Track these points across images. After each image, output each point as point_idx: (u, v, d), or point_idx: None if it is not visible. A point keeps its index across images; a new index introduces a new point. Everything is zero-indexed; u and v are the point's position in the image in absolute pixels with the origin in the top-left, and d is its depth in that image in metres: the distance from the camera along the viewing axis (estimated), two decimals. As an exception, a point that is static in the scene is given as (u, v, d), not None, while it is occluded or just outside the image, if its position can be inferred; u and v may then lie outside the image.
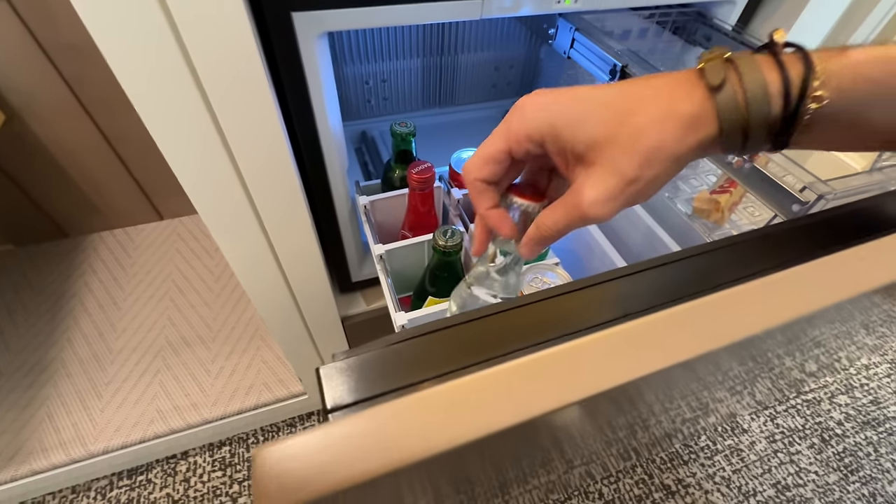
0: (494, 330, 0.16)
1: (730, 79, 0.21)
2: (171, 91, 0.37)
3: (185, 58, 0.36)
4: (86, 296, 1.01)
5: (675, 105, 0.21)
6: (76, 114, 0.94)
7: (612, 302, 0.17)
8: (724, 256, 0.20)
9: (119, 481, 0.88)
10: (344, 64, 0.83)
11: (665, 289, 0.19)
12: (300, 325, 0.71)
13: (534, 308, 0.17)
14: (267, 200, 0.50)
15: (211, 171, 0.44)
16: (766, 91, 0.20)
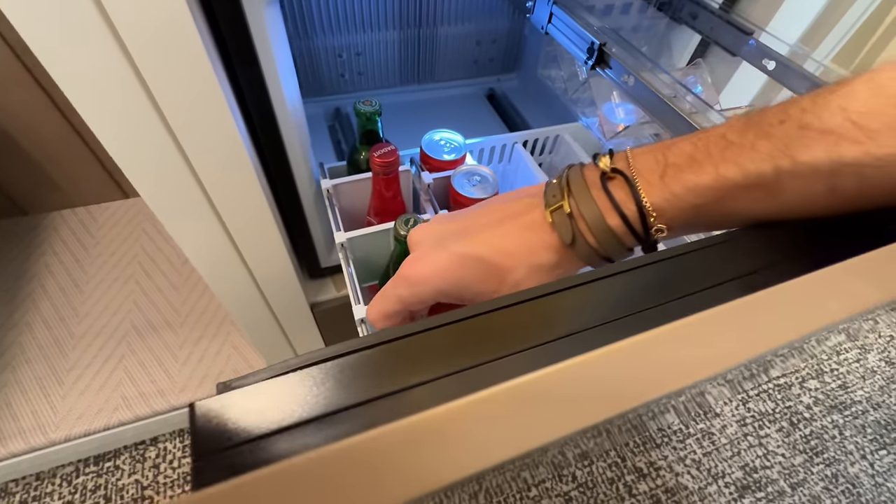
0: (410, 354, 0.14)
1: (579, 232, 0.23)
2: (90, 55, 0.33)
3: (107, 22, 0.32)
4: (46, 278, 0.97)
5: (539, 259, 0.23)
6: (26, 84, 0.87)
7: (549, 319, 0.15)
8: (676, 266, 0.17)
9: (85, 468, 0.86)
10: (315, 35, 0.77)
11: (620, 302, 0.17)
12: (267, 313, 0.68)
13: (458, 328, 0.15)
14: (218, 183, 0.46)
15: (150, 152, 0.41)
16: (615, 234, 0.22)
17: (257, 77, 0.44)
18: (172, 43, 0.34)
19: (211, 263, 0.56)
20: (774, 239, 0.19)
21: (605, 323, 0.15)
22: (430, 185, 0.54)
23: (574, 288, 0.17)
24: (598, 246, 0.22)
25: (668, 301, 0.15)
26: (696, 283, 0.16)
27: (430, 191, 0.54)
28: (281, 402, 0.12)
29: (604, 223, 0.22)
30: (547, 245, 0.23)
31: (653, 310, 0.15)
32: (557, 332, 0.15)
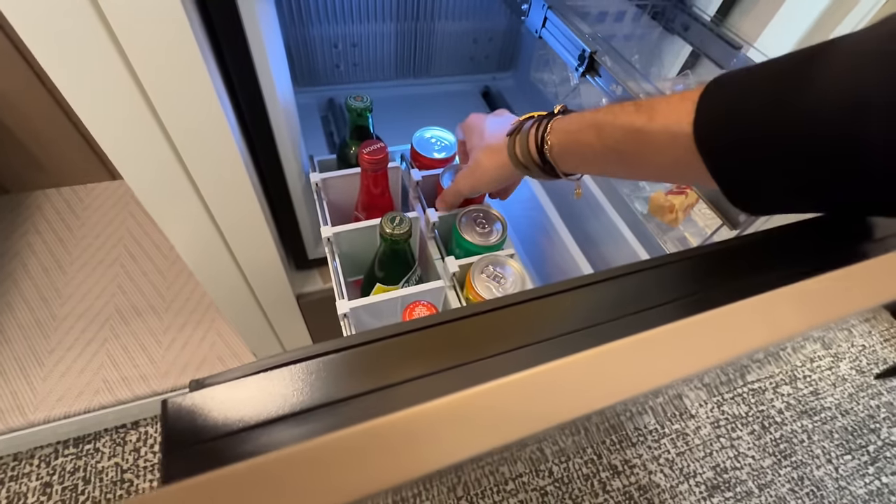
0: (389, 358, 0.14)
1: (515, 135, 0.39)
2: (74, 34, 0.33)
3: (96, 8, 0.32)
4: (28, 257, 0.95)
5: (495, 142, 0.42)
6: (12, 60, 0.85)
7: (528, 325, 0.16)
8: (651, 278, 0.18)
9: (65, 449, 0.86)
10: (310, 24, 0.77)
11: (592, 310, 0.17)
12: (252, 302, 0.69)
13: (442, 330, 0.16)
14: (205, 171, 0.46)
15: (136, 139, 0.40)
16: (527, 144, 0.38)
17: (248, 68, 0.43)
18: (160, 27, 0.34)
19: (196, 252, 0.56)
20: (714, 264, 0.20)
21: (567, 333, 0.16)
22: (418, 183, 0.54)
23: (547, 297, 0.18)
24: (519, 151, 0.38)
25: (622, 316, 0.16)
26: (647, 300, 0.17)
27: (419, 188, 0.55)
28: (252, 400, 0.13)
29: (527, 135, 0.37)
30: (502, 145, 0.40)
31: (609, 323, 0.16)
32: (523, 340, 0.16)
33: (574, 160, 0.35)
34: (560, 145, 0.34)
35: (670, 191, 0.44)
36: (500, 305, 0.16)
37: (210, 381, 0.13)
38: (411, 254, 0.46)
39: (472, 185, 0.45)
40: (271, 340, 0.79)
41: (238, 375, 0.14)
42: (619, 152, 0.30)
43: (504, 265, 0.47)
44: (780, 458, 1.03)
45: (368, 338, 0.14)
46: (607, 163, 0.32)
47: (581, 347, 0.13)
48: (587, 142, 0.32)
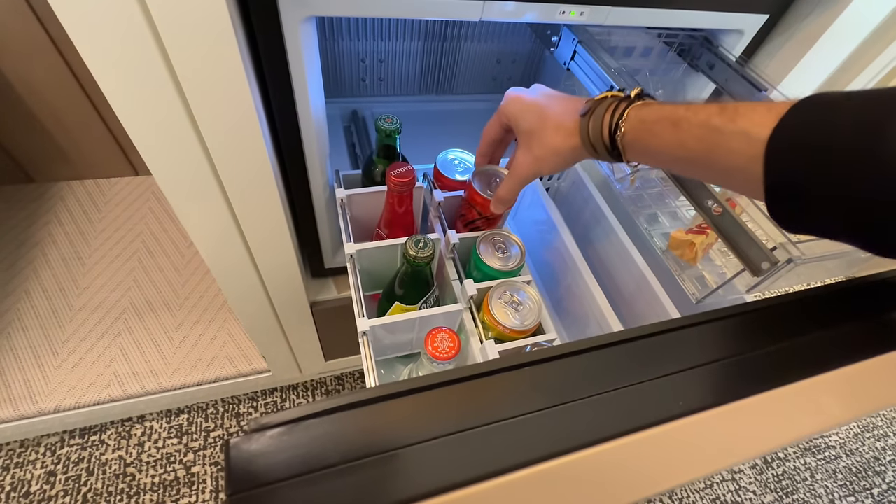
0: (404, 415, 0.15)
1: (590, 115, 0.37)
2: (122, 37, 0.34)
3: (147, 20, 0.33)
4: (49, 247, 0.97)
5: (565, 122, 0.39)
6: (47, 52, 0.88)
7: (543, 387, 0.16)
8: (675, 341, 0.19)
9: (70, 439, 0.87)
10: (340, 38, 0.79)
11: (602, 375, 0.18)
12: (267, 306, 0.70)
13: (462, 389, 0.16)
14: (234, 177, 0.47)
15: (171, 139, 0.41)
16: (600, 127, 0.36)
17: (285, 83, 0.45)
18: (207, 39, 0.35)
19: (217, 252, 0.57)
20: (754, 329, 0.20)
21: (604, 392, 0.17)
22: (440, 203, 0.55)
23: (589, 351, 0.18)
24: (590, 129, 0.36)
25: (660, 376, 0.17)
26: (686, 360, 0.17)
27: (440, 208, 0.56)
28: (310, 445, 0.13)
29: (601, 116, 0.36)
30: (573, 117, 0.38)
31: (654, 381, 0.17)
32: (560, 399, 0.16)
33: (643, 150, 0.34)
34: (633, 134, 0.34)
35: (690, 229, 0.44)
36: (542, 358, 0.17)
37: (269, 423, 0.14)
38: (431, 276, 0.47)
39: (536, 169, 0.42)
40: (282, 345, 0.80)
41: (296, 417, 0.14)
42: (690, 150, 0.30)
43: (522, 291, 0.48)
44: (781, 494, 1.01)
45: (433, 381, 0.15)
46: (674, 158, 0.32)
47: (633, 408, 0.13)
48: (661, 135, 0.32)
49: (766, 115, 0.26)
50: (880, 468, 1.07)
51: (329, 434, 0.14)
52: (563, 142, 0.39)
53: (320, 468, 0.13)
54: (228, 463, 0.13)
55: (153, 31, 0.34)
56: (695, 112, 0.30)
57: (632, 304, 0.58)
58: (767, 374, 0.14)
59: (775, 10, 0.55)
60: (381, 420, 0.15)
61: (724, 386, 0.14)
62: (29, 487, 0.82)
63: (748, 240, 0.35)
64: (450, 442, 0.14)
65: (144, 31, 0.34)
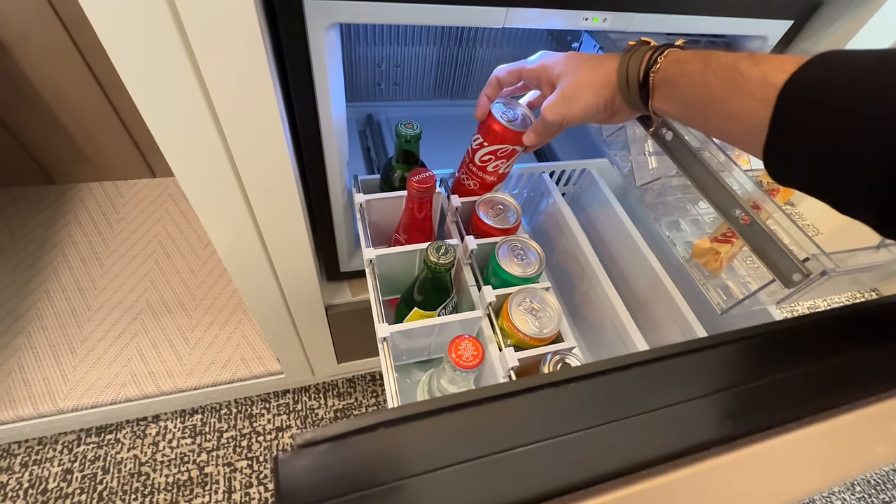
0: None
1: (632, 53, 0.37)
2: (156, 53, 0.35)
3: (177, 24, 0.34)
4: (68, 247, 0.99)
5: (605, 62, 0.39)
6: (70, 56, 0.89)
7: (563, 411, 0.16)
8: (701, 362, 0.19)
9: (87, 437, 0.88)
10: (357, 44, 0.79)
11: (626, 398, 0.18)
12: (282, 308, 0.70)
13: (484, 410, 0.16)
14: (257, 181, 0.48)
15: (195, 141, 0.42)
16: (639, 63, 0.36)
17: (308, 89, 0.45)
18: (235, 44, 0.35)
19: (235, 252, 0.58)
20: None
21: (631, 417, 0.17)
22: (458, 209, 0.55)
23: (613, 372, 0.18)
24: (626, 66, 0.37)
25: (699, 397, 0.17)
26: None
27: (458, 213, 0.56)
28: (358, 461, 0.13)
29: (640, 55, 0.36)
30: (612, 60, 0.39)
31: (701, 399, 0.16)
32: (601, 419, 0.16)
33: (670, 89, 0.35)
34: (666, 70, 0.35)
35: (715, 238, 0.44)
36: (587, 374, 0.17)
37: (316, 439, 0.14)
38: (451, 282, 0.47)
39: (564, 109, 0.40)
40: (296, 347, 0.81)
41: (343, 433, 0.14)
42: (710, 90, 0.31)
43: (541, 298, 0.47)
44: (798, 506, 1.00)
45: (483, 395, 0.15)
46: (694, 98, 0.33)
47: (673, 432, 0.13)
48: (690, 73, 0.32)
49: (786, 63, 0.27)
50: (901, 482, 1.05)
51: (375, 451, 0.14)
52: (598, 79, 0.38)
53: (370, 486, 0.13)
54: (277, 479, 0.13)
55: (183, 37, 0.35)
56: (726, 55, 0.31)
57: (651, 312, 0.57)
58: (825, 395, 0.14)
59: (800, 15, 0.54)
60: (426, 436, 0.15)
61: (780, 408, 0.14)
62: (46, 485, 0.83)
63: (779, 250, 0.34)
64: (498, 460, 0.14)
65: (174, 37, 0.34)
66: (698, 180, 0.42)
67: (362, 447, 0.14)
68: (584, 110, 0.40)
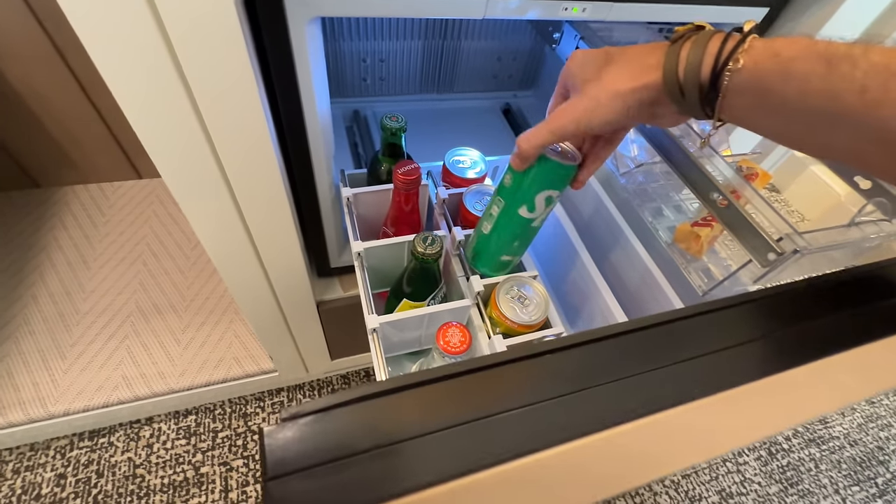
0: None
1: (684, 41, 0.27)
2: (132, 41, 0.34)
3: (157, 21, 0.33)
4: (55, 251, 0.98)
5: (643, 57, 0.28)
6: (49, 57, 0.88)
7: (546, 378, 0.17)
8: (674, 332, 0.19)
9: (80, 442, 0.88)
10: (342, 39, 0.79)
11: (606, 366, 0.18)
12: (273, 306, 0.70)
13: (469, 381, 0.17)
14: (243, 178, 0.48)
15: (178, 139, 0.42)
16: (703, 54, 0.26)
17: (292, 84, 0.45)
18: (215, 39, 0.36)
19: (224, 252, 0.58)
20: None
21: (619, 379, 0.17)
22: (445, 201, 0.56)
23: (592, 343, 0.19)
24: (685, 58, 0.26)
25: (681, 361, 0.17)
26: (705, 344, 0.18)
27: (445, 206, 0.56)
28: (337, 432, 0.14)
29: (704, 42, 0.26)
30: (652, 50, 0.29)
31: (667, 369, 0.17)
32: (581, 384, 0.17)
33: (760, 98, 0.24)
34: (756, 70, 0.24)
35: (696, 222, 0.45)
36: (556, 347, 0.17)
37: (301, 412, 0.15)
38: (439, 272, 0.47)
39: (581, 115, 0.30)
40: (288, 344, 0.81)
41: (326, 406, 0.15)
42: (844, 104, 0.21)
43: (528, 286, 0.48)
44: (786, 485, 1.02)
45: (455, 370, 0.15)
46: (807, 115, 0.23)
47: (641, 396, 0.14)
48: (803, 77, 0.22)
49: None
50: (884, 458, 1.08)
51: (358, 422, 0.15)
52: (630, 80, 0.28)
53: (350, 454, 0.14)
54: (263, 450, 0.14)
55: (163, 33, 0.35)
56: (865, 51, 0.21)
57: (637, 297, 0.58)
58: (780, 357, 0.14)
59: (775, 2, 0.55)
60: (405, 408, 0.15)
61: (739, 370, 0.15)
62: (39, 490, 0.82)
63: (754, 231, 0.35)
64: (473, 428, 0.15)
65: (154, 34, 0.34)
66: (678, 166, 0.43)
67: (345, 419, 0.14)
68: (607, 118, 0.30)
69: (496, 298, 0.46)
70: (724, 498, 0.99)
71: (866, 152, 0.22)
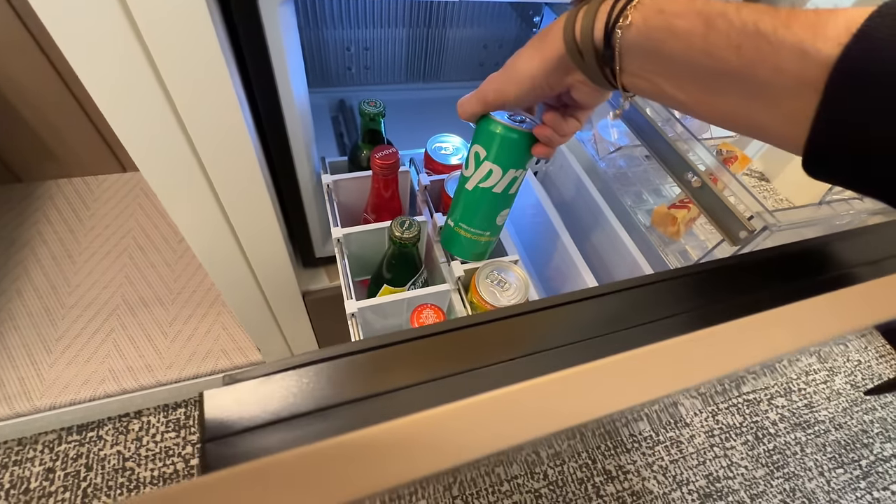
0: (400, 360, 0.16)
1: (581, 4, 0.27)
2: (100, 29, 0.34)
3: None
4: (38, 246, 0.97)
5: (548, 32, 0.30)
6: (29, 49, 0.87)
7: (526, 336, 0.17)
8: (648, 294, 0.20)
9: (68, 436, 0.88)
10: (324, 27, 0.78)
11: (587, 325, 0.19)
12: (258, 297, 0.70)
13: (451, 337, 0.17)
14: (219, 168, 0.47)
15: (154, 132, 0.42)
16: (595, 16, 0.26)
17: (266, 69, 0.45)
18: (184, 25, 0.35)
19: (206, 246, 0.58)
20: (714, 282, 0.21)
21: (570, 343, 0.17)
22: (427, 187, 0.56)
23: (550, 309, 0.19)
24: (579, 23, 0.27)
25: (623, 329, 0.17)
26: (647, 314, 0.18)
27: (427, 192, 0.56)
28: (279, 396, 0.14)
29: (596, 5, 0.26)
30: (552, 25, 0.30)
31: (611, 335, 0.17)
32: (524, 350, 0.17)
33: (651, 55, 0.24)
34: (645, 27, 0.24)
35: (673, 204, 0.45)
36: (503, 315, 0.17)
37: (242, 377, 0.15)
38: (419, 257, 0.47)
39: (497, 86, 0.33)
40: (276, 336, 0.81)
41: (268, 371, 0.15)
42: (720, 61, 0.21)
43: (508, 271, 0.48)
44: (772, 469, 1.04)
45: (395, 339, 0.15)
46: (693, 72, 0.23)
47: (582, 359, 0.14)
48: (684, 34, 0.22)
49: (828, 22, 0.19)
50: (868, 441, 1.10)
51: (299, 386, 0.15)
52: (536, 53, 0.30)
53: (290, 417, 0.14)
54: (202, 413, 0.14)
55: (129, 18, 0.34)
56: (737, 9, 0.21)
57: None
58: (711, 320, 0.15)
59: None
60: (350, 373, 0.15)
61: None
62: (28, 484, 0.82)
63: (726, 210, 0.35)
64: (421, 388, 0.15)
65: (121, 19, 0.34)
66: (656, 149, 0.43)
67: (286, 383, 0.14)
68: (524, 86, 0.31)
69: (476, 283, 0.46)
70: (712, 481, 1.00)
71: (753, 114, 0.22)
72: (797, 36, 0.19)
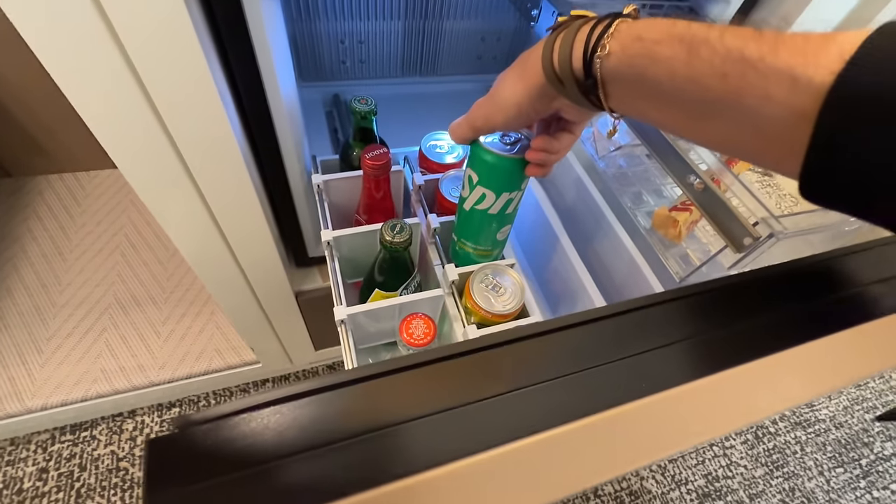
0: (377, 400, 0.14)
1: (558, 32, 0.27)
2: (75, 34, 0.32)
3: None
4: (28, 243, 0.95)
5: (528, 58, 0.29)
6: (16, 43, 0.84)
7: (516, 369, 0.16)
8: (648, 317, 0.18)
9: (62, 436, 0.87)
10: (317, 19, 0.76)
11: (580, 353, 0.17)
12: (250, 298, 0.69)
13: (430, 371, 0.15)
14: (204, 170, 0.46)
15: (133, 132, 0.40)
16: (572, 45, 0.25)
17: (250, 64, 0.43)
18: (161, 21, 0.33)
19: (195, 250, 0.56)
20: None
21: (567, 375, 0.16)
22: (420, 187, 0.54)
23: (543, 335, 0.17)
24: (558, 52, 0.26)
25: (627, 356, 0.16)
26: (648, 340, 0.16)
27: (421, 192, 0.54)
28: (235, 444, 0.13)
29: (573, 33, 0.26)
30: (530, 54, 0.29)
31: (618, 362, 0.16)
32: (516, 383, 0.15)
33: (634, 84, 0.24)
34: (625, 56, 0.23)
35: (674, 206, 0.43)
36: (480, 346, 0.16)
37: (196, 420, 0.13)
38: (411, 261, 0.46)
39: (485, 113, 0.33)
40: (269, 336, 0.80)
41: (226, 413, 0.13)
42: (705, 89, 0.20)
43: (504, 274, 0.47)
44: (772, 468, 1.03)
45: (368, 372, 0.14)
46: (677, 99, 0.22)
47: (580, 398, 0.12)
48: (666, 61, 0.21)
49: (823, 49, 0.17)
50: (868, 439, 1.09)
51: (256, 432, 0.13)
52: (519, 80, 0.29)
53: (244, 468, 0.12)
54: (146, 463, 0.12)
55: (101, 14, 0.32)
56: (720, 34, 0.20)
57: (621, 285, 0.57)
58: (725, 355, 0.13)
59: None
60: (305, 417, 0.14)
61: (687, 366, 0.13)
62: (21, 485, 0.81)
63: (730, 215, 0.34)
64: (408, 428, 0.13)
65: (93, 16, 0.32)
66: (657, 149, 0.42)
67: (243, 428, 0.13)
68: (510, 113, 0.31)
69: (470, 287, 0.45)
70: (711, 481, 0.99)
71: (742, 140, 0.22)
72: (786, 63, 0.18)
